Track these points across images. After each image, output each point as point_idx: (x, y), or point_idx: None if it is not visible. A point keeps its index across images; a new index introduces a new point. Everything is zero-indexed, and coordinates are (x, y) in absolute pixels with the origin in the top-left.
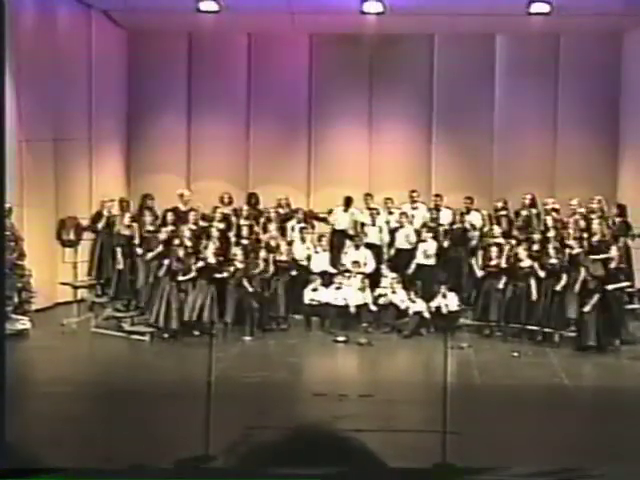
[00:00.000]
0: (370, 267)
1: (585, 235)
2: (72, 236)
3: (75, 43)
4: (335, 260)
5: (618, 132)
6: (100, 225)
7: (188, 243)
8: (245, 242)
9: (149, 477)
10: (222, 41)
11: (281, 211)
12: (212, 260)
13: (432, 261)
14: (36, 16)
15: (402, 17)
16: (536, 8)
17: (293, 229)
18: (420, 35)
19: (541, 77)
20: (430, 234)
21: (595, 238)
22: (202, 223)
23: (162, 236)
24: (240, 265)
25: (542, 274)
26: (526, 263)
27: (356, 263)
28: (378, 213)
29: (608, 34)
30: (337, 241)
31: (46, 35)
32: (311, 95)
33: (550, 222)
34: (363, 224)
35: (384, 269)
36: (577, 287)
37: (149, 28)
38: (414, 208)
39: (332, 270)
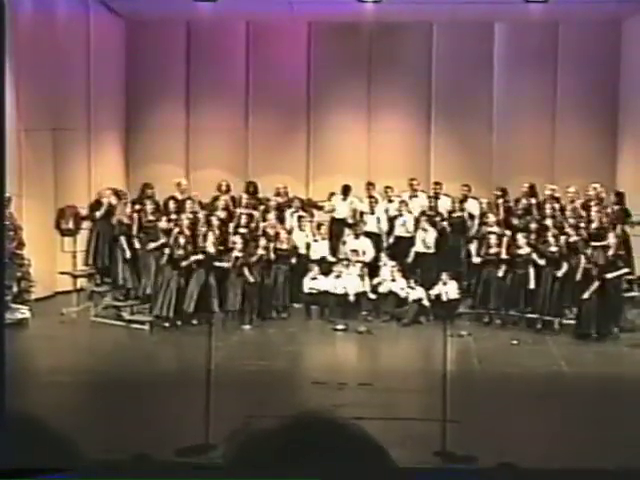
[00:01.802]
0: (369, 255)
1: (583, 223)
2: (71, 225)
3: (73, 32)
4: (334, 248)
5: (617, 120)
6: (99, 214)
7: (187, 232)
8: (244, 231)
9: (150, 477)
10: (220, 30)
11: (280, 200)
12: (212, 249)
13: (431, 249)
14: (35, 6)
15: (400, 5)
16: None
17: (292, 217)
18: (419, 23)
19: (540, 65)
20: (429, 222)
21: (594, 225)
22: (201, 211)
23: (162, 225)
24: (239, 253)
25: (541, 262)
26: (525, 251)
27: (355, 251)
28: (376, 202)
29: (606, 22)
30: (336, 229)
31: (45, 25)
32: (310, 83)
33: (548, 210)
34: (362, 213)
35: (383, 257)
36: (578, 275)
37: (147, 17)
38: (414, 196)
39: (331, 258)
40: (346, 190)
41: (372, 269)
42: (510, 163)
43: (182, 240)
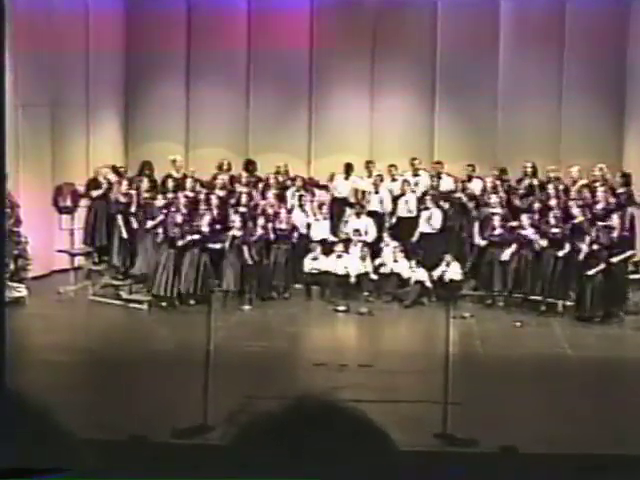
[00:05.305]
0: (371, 235)
1: (588, 204)
2: (69, 203)
3: (72, 8)
4: (335, 228)
5: (624, 99)
6: (95, 193)
7: (184, 210)
8: (243, 209)
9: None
10: (221, 7)
11: (280, 178)
12: (206, 229)
13: (435, 229)
14: None
15: None
16: None
17: (294, 196)
18: (423, 2)
19: (546, 43)
20: (433, 202)
21: (600, 206)
22: (200, 189)
23: (159, 203)
24: (238, 232)
25: (543, 243)
26: (528, 232)
27: (357, 231)
28: (382, 180)
29: (614, 1)
30: (337, 209)
31: (42, 0)
32: (312, 62)
33: (552, 191)
34: (364, 192)
35: (386, 237)
36: (581, 256)
37: None
38: (416, 175)
39: (332, 238)
40: (348, 168)
41: (374, 249)
42: (515, 143)
43: (179, 218)
